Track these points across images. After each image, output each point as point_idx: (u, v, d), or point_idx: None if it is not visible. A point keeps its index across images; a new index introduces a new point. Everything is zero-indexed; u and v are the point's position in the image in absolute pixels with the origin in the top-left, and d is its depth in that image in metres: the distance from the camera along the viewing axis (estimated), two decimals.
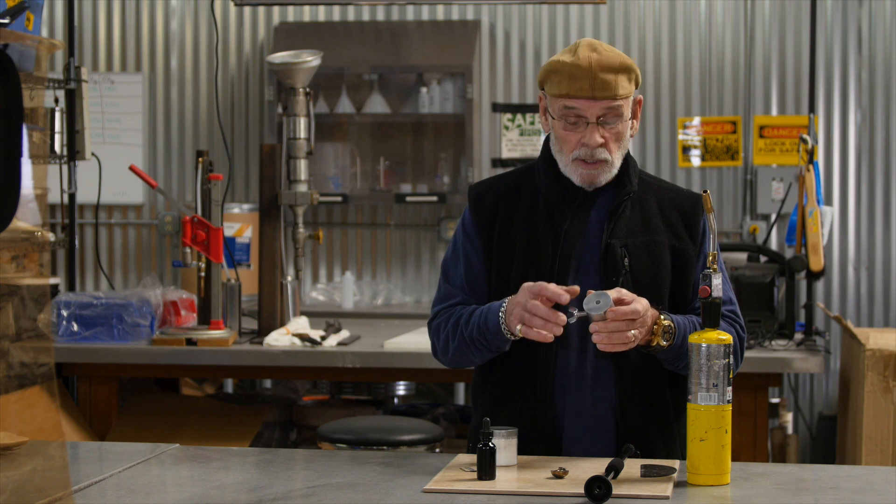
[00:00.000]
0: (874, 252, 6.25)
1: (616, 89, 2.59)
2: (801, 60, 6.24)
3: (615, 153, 2.64)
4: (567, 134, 2.63)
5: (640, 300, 2.50)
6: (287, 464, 2.62)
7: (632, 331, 2.47)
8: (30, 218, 3.87)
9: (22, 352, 3.06)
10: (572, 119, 2.62)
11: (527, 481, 2.37)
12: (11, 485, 2.40)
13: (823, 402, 6.25)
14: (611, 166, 2.65)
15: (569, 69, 2.59)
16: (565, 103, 2.61)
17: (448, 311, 2.73)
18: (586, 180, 2.65)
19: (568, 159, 2.65)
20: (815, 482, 2.53)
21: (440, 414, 5.20)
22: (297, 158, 4.65)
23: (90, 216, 6.45)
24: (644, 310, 2.49)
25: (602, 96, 2.59)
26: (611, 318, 2.46)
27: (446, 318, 2.72)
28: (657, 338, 2.54)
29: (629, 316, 2.46)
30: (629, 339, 2.47)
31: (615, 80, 2.59)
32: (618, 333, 2.47)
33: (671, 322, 2.56)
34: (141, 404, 4.76)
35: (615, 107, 2.61)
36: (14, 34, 3.85)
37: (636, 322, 2.47)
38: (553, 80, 2.63)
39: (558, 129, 2.65)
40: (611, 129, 2.62)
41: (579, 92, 2.59)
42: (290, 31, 6.41)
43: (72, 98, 4.81)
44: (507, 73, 6.43)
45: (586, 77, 2.58)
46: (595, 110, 2.60)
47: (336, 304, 6.10)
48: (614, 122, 2.62)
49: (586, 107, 2.60)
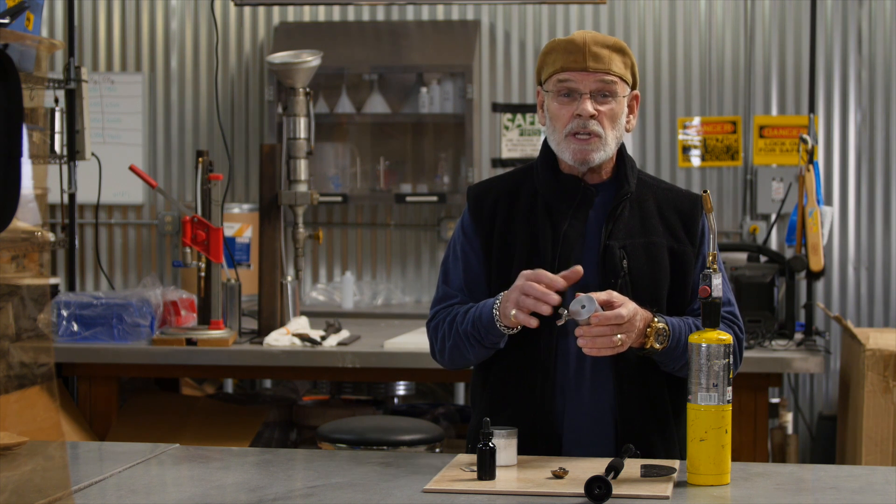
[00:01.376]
0: (874, 252, 6.25)
1: (610, 64, 2.63)
2: (801, 60, 6.24)
3: (608, 130, 2.64)
4: (560, 109, 2.65)
5: (627, 304, 2.49)
6: (287, 464, 2.62)
7: (617, 335, 2.46)
8: (30, 218, 3.87)
9: (22, 352, 3.06)
10: (565, 92, 2.64)
11: (527, 481, 2.37)
12: (11, 485, 2.40)
13: (823, 402, 6.25)
14: (604, 143, 2.64)
15: (564, 45, 2.65)
16: (559, 76, 2.64)
17: (446, 310, 2.73)
18: (579, 157, 2.64)
19: (561, 136, 2.65)
20: (815, 482, 2.53)
21: (440, 414, 5.20)
22: (297, 158, 4.65)
23: (90, 216, 6.45)
24: (630, 314, 2.47)
25: (595, 68, 2.62)
26: (594, 323, 2.45)
27: (443, 317, 2.73)
28: (650, 340, 2.54)
29: (613, 321, 2.45)
30: (615, 343, 2.46)
31: (609, 55, 2.63)
32: (602, 338, 2.46)
33: (665, 325, 2.55)
34: (141, 404, 4.76)
35: (609, 82, 2.63)
36: (14, 34, 3.85)
37: (622, 326, 2.46)
38: (549, 60, 2.67)
39: (553, 108, 2.66)
40: (604, 104, 2.64)
41: (573, 64, 2.62)
42: (290, 31, 6.41)
43: (72, 98, 4.81)
44: (507, 73, 6.43)
45: (580, 51, 2.62)
46: (589, 83, 2.62)
47: (336, 304, 6.10)
48: (608, 99, 2.64)
49: (580, 79, 2.63)
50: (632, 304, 2.50)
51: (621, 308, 2.47)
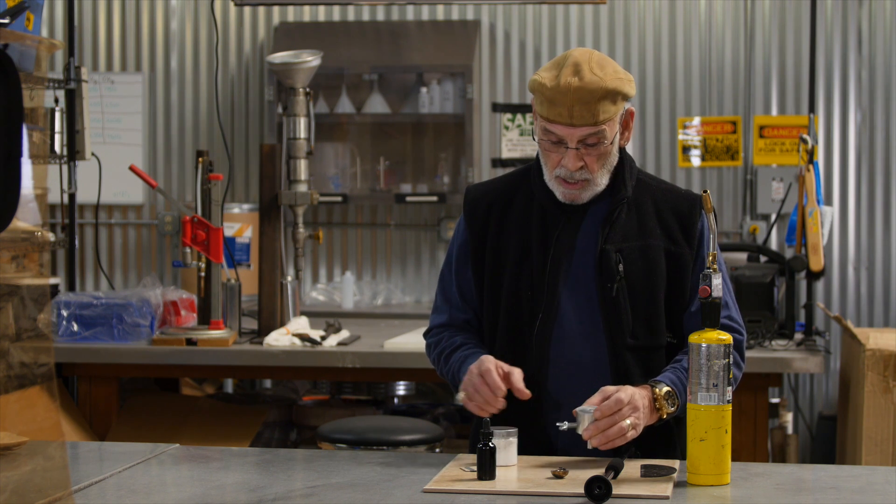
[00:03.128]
0: (874, 252, 6.25)
1: (597, 116, 2.52)
2: (801, 60, 6.24)
3: (598, 172, 2.60)
4: (548, 152, 2.61)
5: (623, 389, 2.47)
6: (287, 464, 2.62)
7: (626, 421, 2.44)
8: (30, 218, 3.87)
9: (22, 352, 3.06)
10: (554, 139, 2.58)
11: (527, 481, 2.37)
12: (11, 485, 2.40)
13: (823, 402, 6.25)
14: (593, 185, 2.62)
15: (549, 93, 2.53)
16: (545, 126, 2.57)
17: (438, 334, 2.79)
18: (567, 199, 2.63)
19: (551, 175, 2.63)
20: (815, 482, 2.52)
21: (440, 414, 5.20)
22: (297, 158, 4.65)
23: (90, 216, 6.45)
24: (629, 396, 2.46)
25: (581, 124, 2.53)
26: (598, 417, 2.44)
27: (435, 342, 2.79)
28: (664, 409, 2.53)
29: (614, 408, 2.44)
30: (624, 429, 2.44)
31: (596, 108, 2.52)
32: (611, 429, 2.44)
33: (668, 387, 2.54)
34: (141, 404, 4.76)
35: (596, 132, 2.55)
36: (14, 34, 3.85)
37: (623, 410, 2.44)
38: (536, 99, 2.59)
39: (542, 145, 2.62)
40: (592, 151, 2.57)
41: (558, 118, 2.53)
42: (290, 31, 6.41)
43: (72, 98, 4.81)
44: (507, 73, 6.43)
45: (565, 104, 2.52)
46: (575, 136, 2.55)
47: (336, 304, 6.10)
48: (596, 145, 2.57)
49: (565, 133, 2.55)
50: (627, 387, 2.49)
51: (619, 393, 2.46)
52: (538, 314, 2.63)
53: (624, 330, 2.61)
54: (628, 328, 2.62)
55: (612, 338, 2.62)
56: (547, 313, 2.62)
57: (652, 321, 2.64)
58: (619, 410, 2.44)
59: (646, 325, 2.63)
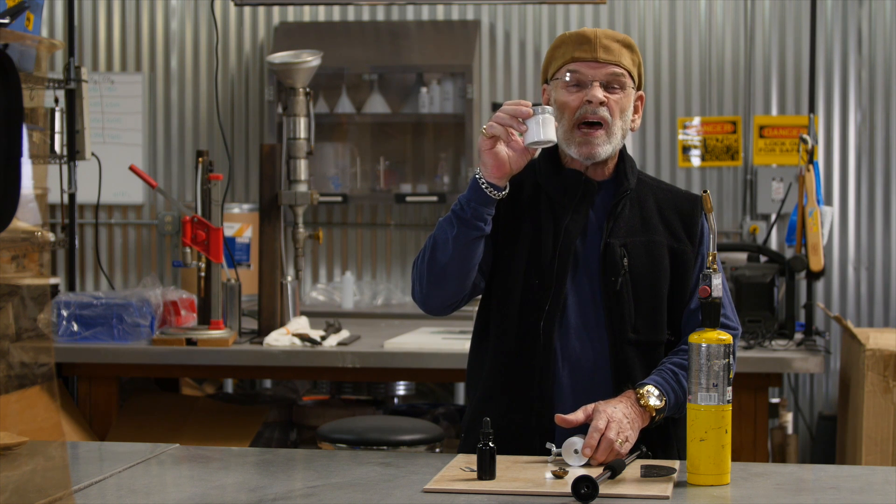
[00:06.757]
0: (874, 252, 6.25)
1: (620, 57, 2.64)
2: (801, 60, 6.24)
3: (616, 119, 2.64)
4: (569, 96, 2.64)
5: (598, 414, 2.46)
6: (287, 464, 2.62)
7: (617, 440, 2.44)
8: (30, 218, 3.87)
9: (22, 352, 3.06)
10: (574, 82, 2.64)
11: (527, 481, 2.37)
12: (11, 485, 2.40)
13: (823, 402, 6.25)
14: (610, 134, 2.63)
15: (574, 38, 2.66)
16: (569, 67, 2.64)
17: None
18: (584, 151, 2.63)
19: (568, 125, 2.64)
20: (815, 482, 2.52)
21: (440, 414, 5.20)
22: (297, 158, 4.65)
23: (90, 216, 6.45)
24: (608, 415, 2.46)
25: (606, 60, 2.63)
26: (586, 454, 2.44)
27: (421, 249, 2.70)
28: (650, 408, 2.53)
29: (596, 437, 2.43)
30: (618, 449, 2.44)
31: (619, 49, 2.65)
32: (605, 448, 2.44)
33: (650, 384, 2.55)
34: (141, 404, 4.76)
35: (618, 74, 2.64)
36: (14, 34, 3.85)
37: (611, 427, 2.44)
38: (557, 54, 2.67)
39: (561, 97, 2.65)
40: (613, 94, 2.64)
41: (584, 55, 2.63)
42: (290, 31, 6.41)
43: (72, 98, 4.81)
44: (507, 73, 6.43)
45: (591, 42, 2.64)
46: (599, 73, 2.63)
47: (336, 304, 6.10)
48: (617, 91, 2.64)
49: (590, 69, 2.63)
50: (604, 407, 2.49)
51: (596, 421, 2.45)
52: (545, 306, 2.63)
53: (626, 324, 2.62)
54: (630, 323, 2.62)
55: (614, 332, 2.62)
56: (554, 304, 2.62)
57: (654, 316, 2.65)
58: (604, 433, 2.44)
59: (648, 321, 2.64)
